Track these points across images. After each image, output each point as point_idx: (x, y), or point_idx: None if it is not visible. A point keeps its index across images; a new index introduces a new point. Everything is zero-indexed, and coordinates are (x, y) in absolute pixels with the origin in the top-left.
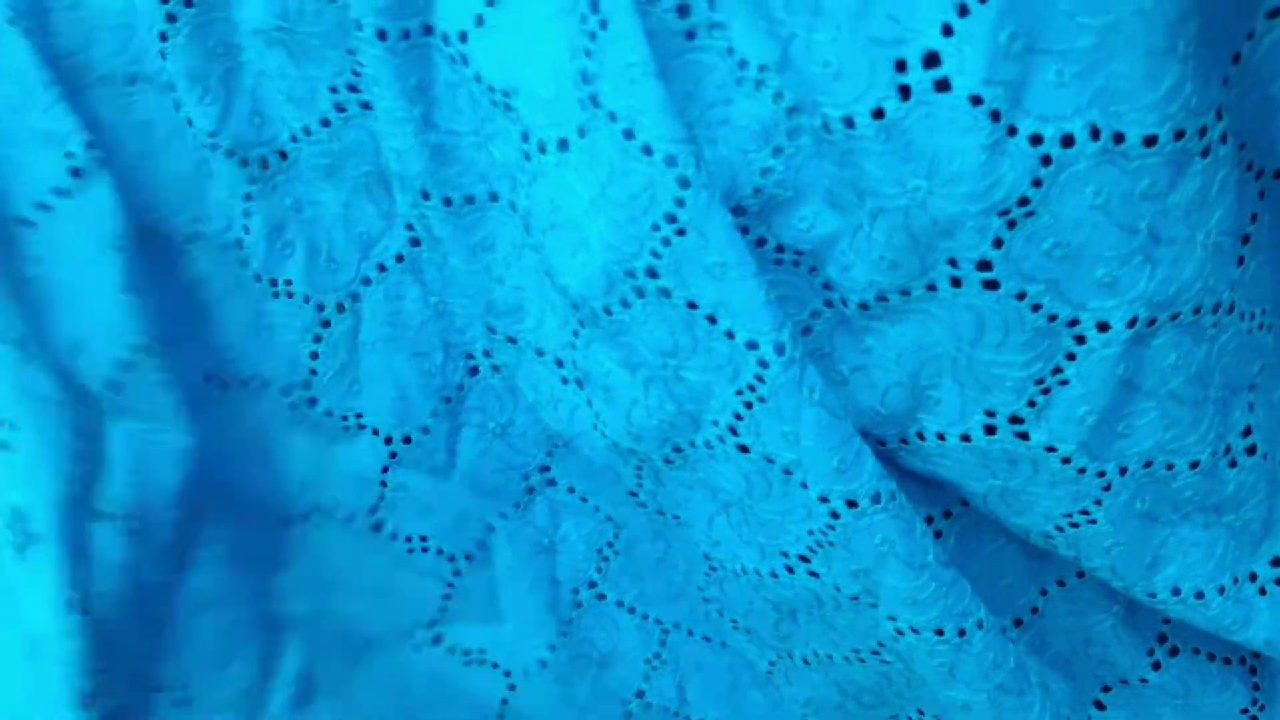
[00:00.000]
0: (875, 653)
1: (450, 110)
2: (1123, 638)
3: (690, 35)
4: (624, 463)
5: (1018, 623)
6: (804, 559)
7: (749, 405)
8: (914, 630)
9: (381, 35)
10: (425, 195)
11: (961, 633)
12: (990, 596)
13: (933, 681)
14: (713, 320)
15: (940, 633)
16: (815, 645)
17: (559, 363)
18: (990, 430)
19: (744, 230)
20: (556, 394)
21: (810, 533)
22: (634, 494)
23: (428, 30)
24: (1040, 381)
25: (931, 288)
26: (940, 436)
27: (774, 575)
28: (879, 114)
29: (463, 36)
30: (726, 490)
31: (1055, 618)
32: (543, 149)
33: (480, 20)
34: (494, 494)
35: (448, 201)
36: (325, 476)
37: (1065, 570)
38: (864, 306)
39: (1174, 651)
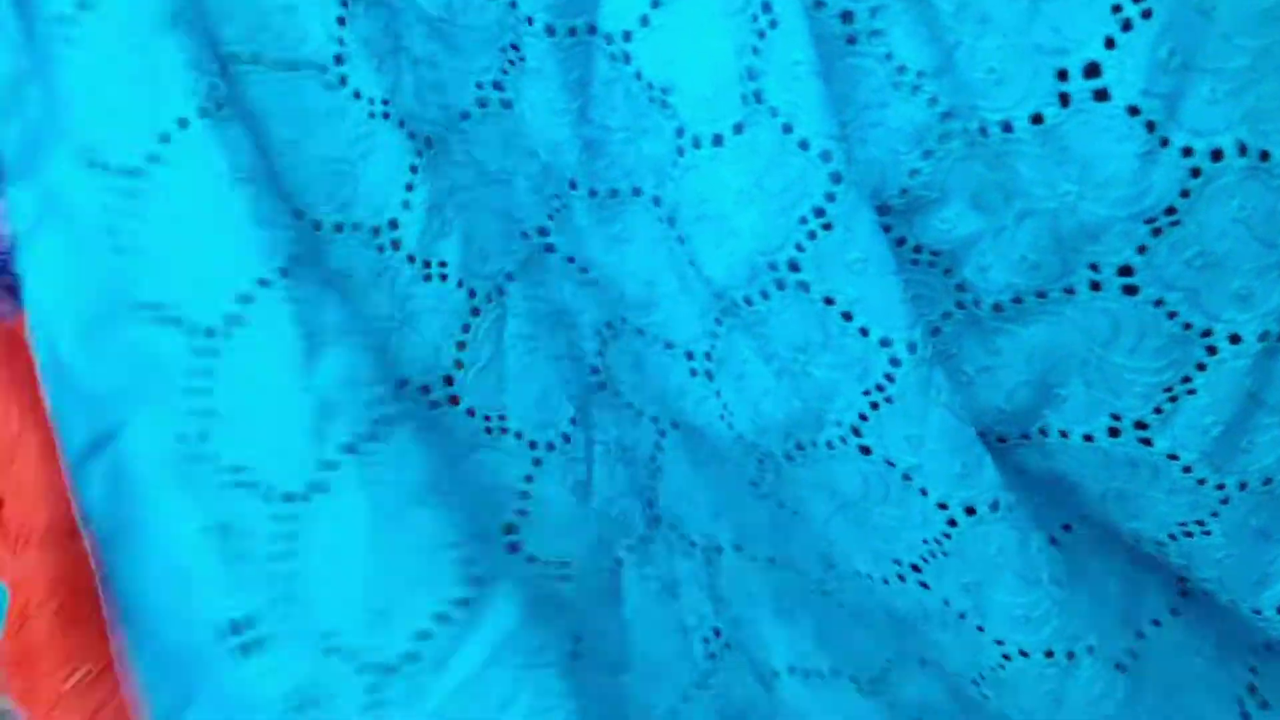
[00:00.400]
0: (975, 683)
1: (605, 107)
2: (1213, 684)
3: (851, 40)
4: (747, 455)
5: (1119, 667)
6: (916, 569)
7: (875, 406)
8: (1023, 654)
9: (550, 30)
10: (573, 185)
11: (1071, 655)
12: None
13: (1037, 713)
14: (848, 317)
15: (1050, 655)
16: (926, 653)
17: (689, 354)
18: (1114, 433)
19: (886, 229)
20: (683, 385)
21: (925, 541)
22: (755, 484)
23: (592, 30)
24: (1169, 389)
25: (1069, 291)
26: (1064, 434)
27: (885, 581)
28: (1038, 119)
29: (626, 35)
30: (844, 491)
31: (1150, 661)
32: (697, 144)
33: (645, 20)
34: (620, 522)
35: (593, 193)
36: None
37: (1160, 608)
38: (998, 308)
39: (1264, 705)
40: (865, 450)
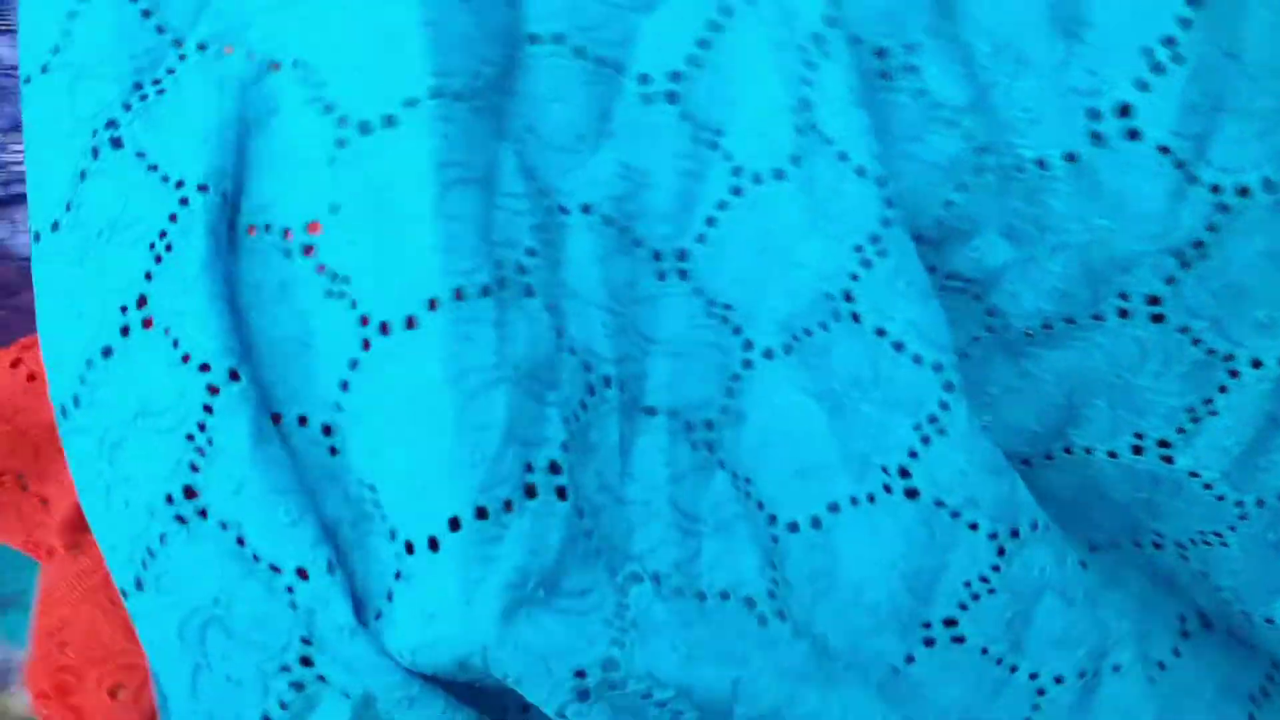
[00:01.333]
0: None
1: (627, 142)
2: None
3: (885, 75)
4: (762, 529)
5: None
6: (951, 623)
7: (926, 440)
8: (1058, 680)
9: (579, 53)
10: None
11: (1097, 674)
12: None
13: None
14: (899, 347)
15: (1083, 675)
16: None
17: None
18: (1137, 450)
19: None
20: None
21: (967, 584)
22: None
23: (619, 67)
24: (1191, 410)
25: (1098, 318)
26: (1088, 450)
27: (910, 659)
28: (1071, 158)
29: (675, 76)
30: (883, 555)
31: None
32: (758, 180)
33: (694, 60)
34: None
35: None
36: None
37: (1164, 648)
38: (1028, 333)
39: None
40: (912, 493)
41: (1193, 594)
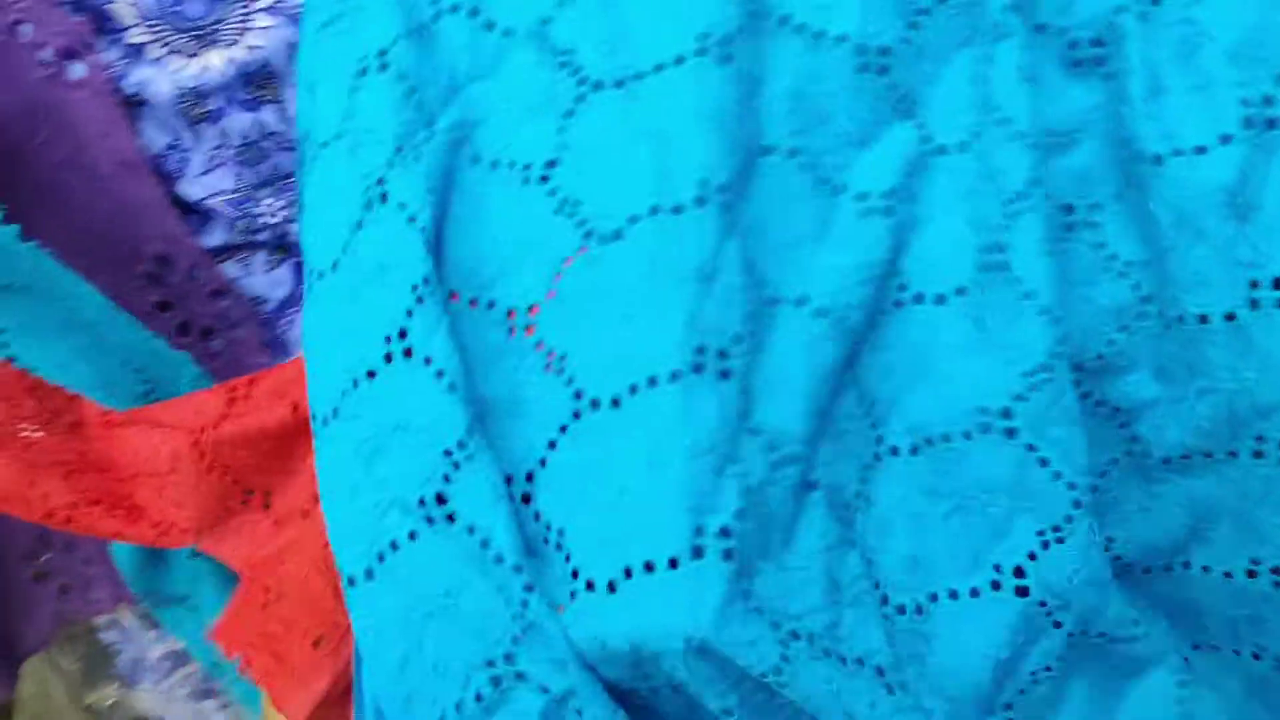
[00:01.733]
0: None
1: (844, 247)
2: None
3: (1069, 228)
4: (879, 608)
5: None
6: (1007, 706)
7: (1046, 545)
8: None
9: (808, 168)
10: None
11: None
12: None
13: None
14: (1044, 463)
15: None
16: None
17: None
18: (1251, 574)
19: (1077, 383)
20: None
21: (1033, 674)
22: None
23: (839, 188)
24: None
25: (1233, 454)
26: (1205, 569)
27: None
28: (1230, 317)
29: (890, 194)
30: (977, 646)
31: None
32: (919, 299)
33: (903, 188)
34: None
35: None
36: None
37: None
38: (1165, 460)
39: None
40: (1022, 592)
41: None
